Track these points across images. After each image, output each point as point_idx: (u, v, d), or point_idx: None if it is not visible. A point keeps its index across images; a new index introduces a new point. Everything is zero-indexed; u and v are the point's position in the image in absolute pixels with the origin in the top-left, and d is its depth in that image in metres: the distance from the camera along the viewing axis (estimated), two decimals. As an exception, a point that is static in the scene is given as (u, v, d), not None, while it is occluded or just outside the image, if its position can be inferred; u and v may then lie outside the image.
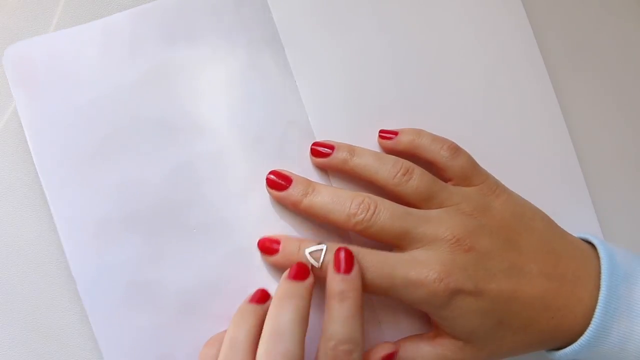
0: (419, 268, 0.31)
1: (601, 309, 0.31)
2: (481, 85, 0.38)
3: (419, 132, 0.35)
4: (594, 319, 0.31)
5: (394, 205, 0.33)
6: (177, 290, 0.34)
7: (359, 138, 0.36)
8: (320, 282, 0.32)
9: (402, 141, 0.35)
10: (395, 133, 0.35)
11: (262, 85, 0.36)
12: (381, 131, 0.36)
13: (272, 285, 0.34)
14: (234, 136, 0.36)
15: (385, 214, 0.32)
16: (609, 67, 0.40)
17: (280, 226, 0.35)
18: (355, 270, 0.31)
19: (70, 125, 0.34)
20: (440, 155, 0.34)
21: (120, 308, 0.34)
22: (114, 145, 0.35)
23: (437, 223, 0.32)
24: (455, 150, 0.34)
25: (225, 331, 0.31)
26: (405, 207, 0.33)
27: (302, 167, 0.36)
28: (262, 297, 0.32)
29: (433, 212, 0.33)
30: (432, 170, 0.35)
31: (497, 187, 0.35)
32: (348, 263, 0.31)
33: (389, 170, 0.34)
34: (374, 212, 0.32)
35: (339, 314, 0.30)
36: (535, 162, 0.38)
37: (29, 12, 0.37)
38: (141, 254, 0.34)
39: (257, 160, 0.36)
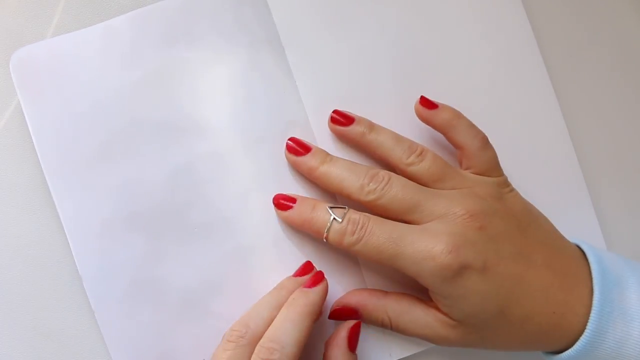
0: (429, 238, 0.31)
1: (596, 312, 0.30)
2: (481, 85, 0.38)
3: (459, 115, 0.35)
4: (589, 322, 0.30)
5: (407, 180, 0.33)
6: (178, 288, 0.35)
7: (358, 138, 0.37)
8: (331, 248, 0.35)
9: (440, 117, 0.35)
10: (436, 106, 0.35)
11: (262, 85, 0.36)
12: (422, 97, 0.35)
13: (272, 283, 0.34)
14: (234, 137, 0.36)
15: (398, 186, 0.32)
16: (608, 67, 0.40)
17: (280, 225, 0.36)
18: (318, 288, 0.32)
19: (75, 127, 0.35)
20: (472, 142, 0.34)
21: (124, 304, 0.34)
22: (116, 147, 0.35)
23: (449, 199, 0.32)
24: (487, 142, 0.35)
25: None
26: (418, 184, 0.33)
27: (301, 167, 0.36)
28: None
29: (445, 191, 0.33)
30: (457, 156, 0.35)
31: (509, 185, 0.35)
32: (314, 280, 0.33)
33: (404, 150, 0.34)
34: (386, 183, 0.33)
35: (280, 317, 0.31)
36: (535, 163, 0.38)
37: (29, 12, 0.37)
38: (144, 253, 0.35)
39: (257, 160, 0.36)
